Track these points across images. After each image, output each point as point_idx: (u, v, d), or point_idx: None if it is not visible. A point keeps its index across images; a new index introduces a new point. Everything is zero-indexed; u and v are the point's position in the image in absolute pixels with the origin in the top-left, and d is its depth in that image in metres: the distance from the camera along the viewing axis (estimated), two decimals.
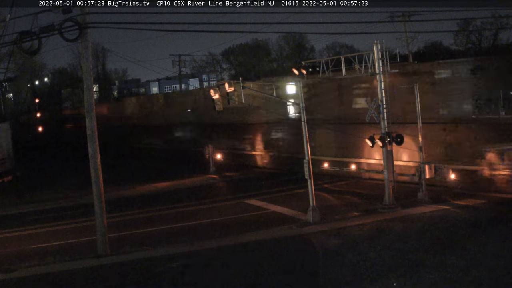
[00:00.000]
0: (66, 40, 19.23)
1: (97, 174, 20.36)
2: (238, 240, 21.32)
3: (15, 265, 19.61)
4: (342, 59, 25.68)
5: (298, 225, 22.91)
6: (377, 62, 24.37)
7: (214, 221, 25.25)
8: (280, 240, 21.04)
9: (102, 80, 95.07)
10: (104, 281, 17.83)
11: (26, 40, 18.71)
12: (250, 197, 30.21)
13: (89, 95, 20.34)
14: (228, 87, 24.73)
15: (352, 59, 25.57)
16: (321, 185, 31.02)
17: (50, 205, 32.50)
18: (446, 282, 14.98)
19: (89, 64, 20.29)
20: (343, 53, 76.71)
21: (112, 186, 33.56)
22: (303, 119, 23.75)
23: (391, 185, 24.72)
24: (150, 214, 27.89)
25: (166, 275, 17.73)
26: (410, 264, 16.65)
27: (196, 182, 37.37)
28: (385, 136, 24.25)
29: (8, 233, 25.50)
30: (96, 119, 20.39)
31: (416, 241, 19.24)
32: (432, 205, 24.55)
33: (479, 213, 22.95)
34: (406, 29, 51.69)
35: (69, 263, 19.55)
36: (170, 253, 20.11)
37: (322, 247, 19.67)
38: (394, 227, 21.60)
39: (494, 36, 70.59)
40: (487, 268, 15.83)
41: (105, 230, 20.42)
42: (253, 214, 25.92)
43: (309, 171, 23.28)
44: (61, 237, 23.84)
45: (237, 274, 17.26)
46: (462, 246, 18.21)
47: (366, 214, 23.89)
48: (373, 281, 15.53)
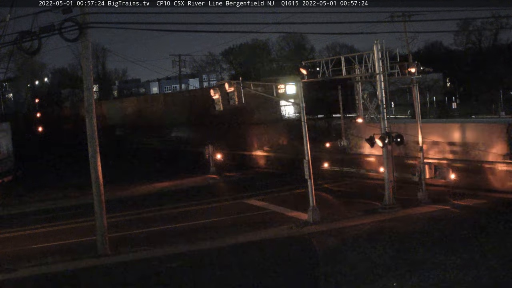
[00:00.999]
0: (66, 40, 19.24)
1: (97, 174, 20.36)
2: (238, 240, 21.31)
3: (15, 265, 19.59)
4: (342, 59, 25.67)
5: (298, 225, 22.90)
6: (377, 62, 24.37)
7: (214, 221, 25.24)
8: (280, 240, 21.04)
9: (102, 80, 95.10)
10: (104, 281, 17.83)
11: (26, 40, 18.72)
12: (250, 197, 30.20)
13: (89, 95, 20.34)
14: (228, 87, 24.73)
15: (352, 59, 25.56)
16: (322, 185, 31.03)
17: (50, 205, 32.49)
18: (446, 282, 14.98)
19: (89, 64, 20.29)
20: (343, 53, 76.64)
21: (112, 186, 33.55)
22: (303, 119, 23.75)
23: (391, 185, 24.73)
24: (150, 214, 27.88)
25: (166, 275, 17.73)
26: (410, 264, 16.65)
27: (196, 182, 37.36)
28: (385, 136, 24.24)
29: (8, 233, 25.49)
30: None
31: (416, 241, 19.24)
32: (432, 205, 24.55)
33: (479, 213, 22.95)
34: (406, 29, 51.76)
35: (69, 263, 19.54)
36: (170, 253, 20.11)
37: (322, 247, 19.65)
38: (394, 227, 21.60)
39: (494, 36, 70.62)
40: (487, 268, 15.83)
41: (105, 230, 20.42)
42: (253, 214, 25.90)
43: (309, 171, 23.27)
44: (61, 237, 23.82)
45: (237, 274, 17.26)
46: (462, 246, 18.21)
47: (366, 214, 23.89)
48: (373, 281, 15.53)
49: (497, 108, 56.44)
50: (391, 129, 24.70)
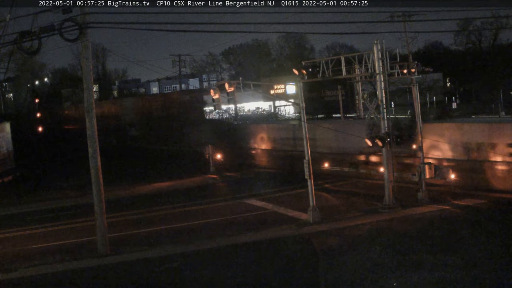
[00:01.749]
0: (66, 40, 19.21)
1: (97, 174, 20.36)
2: (238, 240, 21.31)
3: (15, 265, 19.60)
4: (342, 59, 25.67)
5: (298, 225, 22.91)
6: (377, 62, 24.37)
7: (214, 221, 25.23)
8: (280, 240, 21.04)
9: (102, 80, 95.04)
10: (104, 281, 17.84)
11: (26, 40, 18.69)
12: (250, 197, 30.20)
13: (89, 95, 20.34)
14: (228, 87, 24.71)
15: (352, 59, 25.56)
16: (322, 185, 31.03)
17: (50, 205, 32.46)
18: (446, 282, 14.98)
19: (89, 64, 20.29)
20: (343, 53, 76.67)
21: (112, 186, 33.55)
22: (303, 119, 23.75)
23: (391, 185, 24.73)
24: (150, 214, 27.86)
25: (166, 275, 17.73)
26: (410, 264, 16.65)
27: (196, 182, 37.34)
28: (385, 136, 24.25)
29: (8, 233, 25.48)
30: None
31: (416, 241, 19.25)
32: (432, 205, 24.56)
33: (479, 213, 22.95)
34: (406, 29, 51.71)
35: (69, 263, 19.55)
36: (170, 253, 20.11)
37: (322, 247, 19.66)
38: (394, 227, 21.61)
39: (494, 36, 70.53)
40: (487, 268, 15.83)
41: (105, 230, 20.42)
42: (253, 214, 25.90)
43: (309, 171, 23.27)
44: (61, 237, 23.82)
45: (237, 274, 17.25)
46: (462, 246, 18.22)
47: (366, 214, 23.89)
48: (373, 281, 15.53)
49: (497, 108, 56.46)
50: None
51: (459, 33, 69.97)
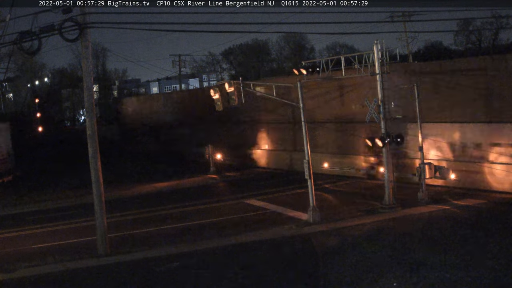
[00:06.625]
0: (66, 40, 19.22)
1: (97, 174, 20.36)
2: (238, 240, 21.31)
3: (15, 265, 19.60)
4: (342, 59, 25.66)
5: (298, 225, 22.91)
6: (377, 62, 24.36)
7: (214, 221, 25.24)
8: (280, 240, 21.04)
9: (102, 80, 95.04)
10: (104, 281, 17.83)
11: (26, 40, 18.70)
12: (250, 197, 30.20)
13: (89, 95, 20.34)
14: (228, 87, 24.72)
15: (352, 59, 25.54)
16: (322, 185, 31.04)
17: (50, 205, 32.51)
18: (446, 282, 14.98)
19: (89, 64, 20.28)
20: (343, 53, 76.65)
21: (112, 186, 33.57)
22: (303, 119, 23.74)
23: (391, 185, 24.72)
24: (150, 214, 27.87)
25: (166, 275, 17.73)
26: (410, 264, 16.64)
27: (196, 182, 37.36)
28: (385, 136, 24.25)
29: (8, 233, 25.50)
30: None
31: (416, 241, 19.24)
32: (432, 205, 24.55)
33: (479, 213, 22.95)
34: (406, 29, 51.81)
35: (69, 263, 19.54)
36: (170, 253, 20.11)
37: (322, 247, 19.66)
38: (394, 227, 21.61)
39: (494, 36, 70.60)
40: (487, 268, 15.82)
41: (105, 230, 20.42)
42: (253, 214, 25.91)
43: (309, 171, 23.27)
44: (61, 237, 23.83)
45: (237, 274, 17.25)
46: (462, 246, 18.21)
47: (366, 214, 23.89)
48: (373, 281, 15.52)
49: None
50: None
51: (459, 33, 70.08)
